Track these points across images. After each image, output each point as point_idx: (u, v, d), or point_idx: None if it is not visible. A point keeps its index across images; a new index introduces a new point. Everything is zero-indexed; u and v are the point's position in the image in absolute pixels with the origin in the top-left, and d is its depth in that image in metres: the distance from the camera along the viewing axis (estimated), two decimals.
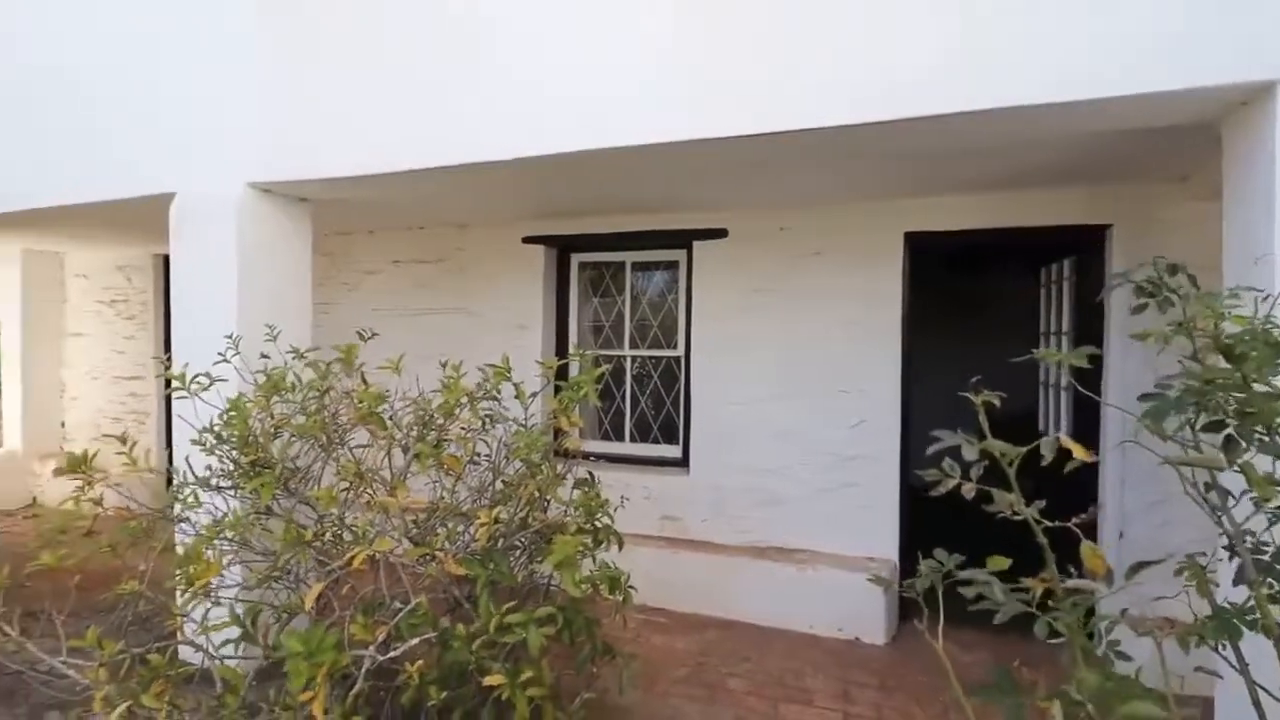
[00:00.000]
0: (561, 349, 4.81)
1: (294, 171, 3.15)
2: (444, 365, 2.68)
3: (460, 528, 2.30)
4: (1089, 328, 3.60)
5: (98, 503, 2.28)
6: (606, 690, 2.40)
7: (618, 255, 4.74)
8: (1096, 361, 1.39)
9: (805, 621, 3.70)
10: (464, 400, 2.36)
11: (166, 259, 6.33)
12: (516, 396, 2.59)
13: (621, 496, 2.85)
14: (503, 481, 2.39)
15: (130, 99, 3.53)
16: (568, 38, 2.62)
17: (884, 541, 3.84)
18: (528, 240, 4.72)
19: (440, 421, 2.50)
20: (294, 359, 2.66)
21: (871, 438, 3.89)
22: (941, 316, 6.13)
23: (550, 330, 4.81)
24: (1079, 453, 1.04)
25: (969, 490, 1.10)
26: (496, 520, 2.09)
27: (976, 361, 2.95)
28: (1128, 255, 3.36)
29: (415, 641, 1.71)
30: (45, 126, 3.84)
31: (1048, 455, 1.02)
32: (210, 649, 2.01)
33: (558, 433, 2.64)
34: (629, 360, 4.73)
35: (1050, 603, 1.04)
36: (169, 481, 2.60)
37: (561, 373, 2.76)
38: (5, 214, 4.12)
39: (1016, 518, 1.07)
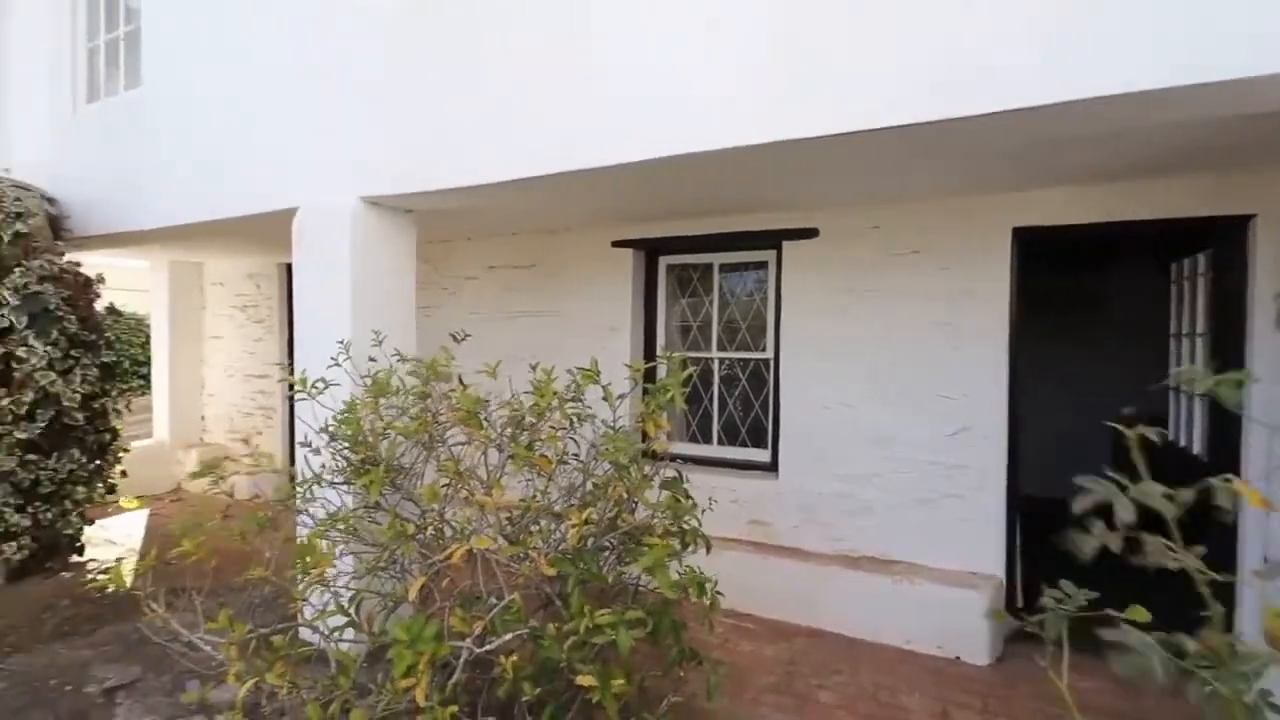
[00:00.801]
0: (649, 351, 4.85)
1: (400, 185, 3.35)
2: (534, 368, 2.78)
3: (552, 526, 2.37)
4: (1228, 329, 3.25)
5: (229, 494, 2.52)
6: (694, 695, 2.40)
7: (706, 257, 4.73)
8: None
9: (900, 636, 3.56)
10: (554, 403, 2.43)
11: (289, 267, 6.91)
12: (604, 398, 2.65)
13: (709, 499, 2.85)
14: (593, 483, 2.44)
15: (260, 128, 3.90)
16: (663, 45, 2.63)
17: (988, 556, 3.63)
18: (617, 244, 4.80)
19: (532, 422, 2.60)
20: (398, 362, 2.83)
21: (974, 446, 3.68)
22: (1053, 316, 5.71)
23: (638, 332, 4.86)
24: (1254, 501, 0.90)
25: (1115, 541, 0.97)
26: (587, 521, 2.14)
27: (1092, 365, 2.73)
28: (1276, 248, 3.01)
29: (509, 637, 1.78)
30: (194, 154, 4.31)
31: (1225, 505, 0.88)
32: (325, 632, 2.18)
33: (645, 435, 2.67)
34: (716, 362, 4.70)
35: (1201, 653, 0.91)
36: (292, 477, 2.83)
37: (649, 375, 2.80)
38: (160, 229, 4.65)
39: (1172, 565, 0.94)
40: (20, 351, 4.11)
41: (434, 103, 3.25)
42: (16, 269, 4.17)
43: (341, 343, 2.92)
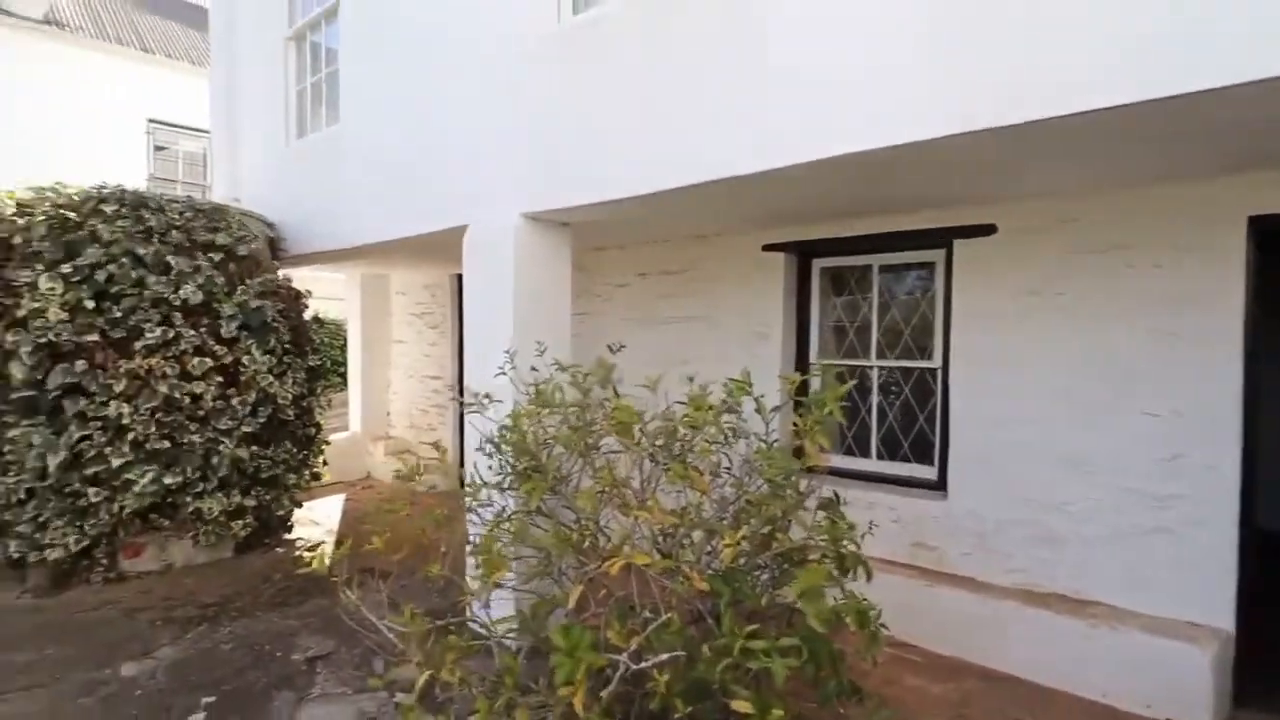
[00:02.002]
0: (802, 358, 4.67)
1: (558, 201, 3.50)
2: (690, 380, 2.76)
3: (705, 542, 2.34)
4: None
5: (411, 477, 2.75)
6: None
7: (864, 259, 4.46)
8: None
9: (1095, 688, 3.12)
10: (709, 417, 2.39)
11: (459, 278, 7.49)
12: (757, 410, 2.57)
13: (869, 521, 2.67)
14: (747, 500, 2.37)
15: (438, 155, 4.27)
16: (829, 41, 2.51)
17: (1213, 605, 3.08)
18: (768, 248, 4.67)
19: (685, 434, 2.58)
20: (557, 371, 2.95)
21: (1194, 474, 3.14)
22: None
23: (790, 338, 4.70)
24: None
25: None
26: (741, 539, 2.08)
27: None
28: None
29: (665, 657, 1.77)
30: (382, 180, 4.81)
31: None
32: (491, 628, 2.30)
33: (800, 451, 2.55)
34: (876, 371, 4.42)
35: None
36: (461, 480, 3.04)
37: (802, 387, 2.68)
38: (355, 247, 5.24)
39: None
40: (245, 359, 4.79)
41: (589, 120, 3.35)
42: (242, 286, 4.87)
43: (507, 353, 3.09)
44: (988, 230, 3.75)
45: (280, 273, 5.50)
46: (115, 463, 4.32)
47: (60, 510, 4.29)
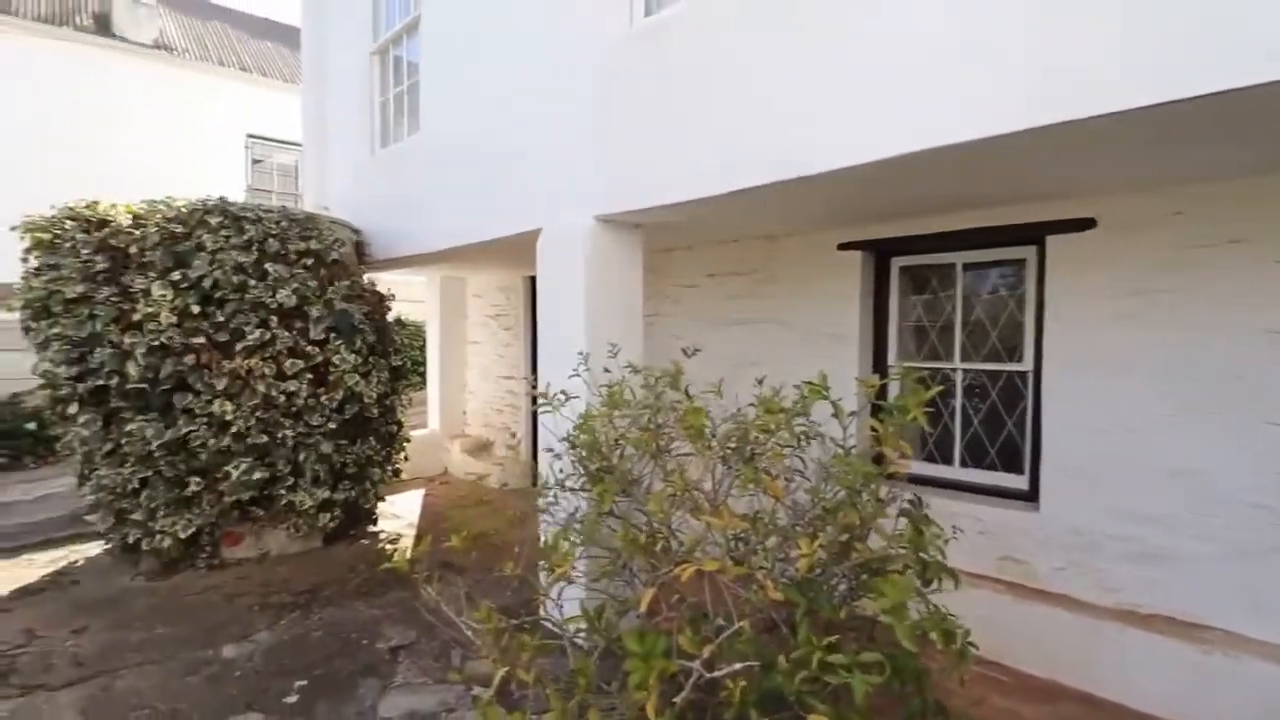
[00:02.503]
0: (879, 361, 4.52)
1: (629, 203, 3.50)
2: (760, 382, 2.71)
3: (779, 549, 2.28)
4: None
5: (489, 474, 2.82)
6: None
7: (947, 257, 4.27)
8: None
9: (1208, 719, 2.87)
10: (781, 421, 2.34)
11: (532, 279, 7.65)
12: (834, 414, 2.49)
13: (953, 529, 2.55)
14: (823, 507, 2.30)
15: (512, 161, 4.36)
16: (911, 29, 2.42)
17: None
18: (844, 246, 4.53)
19: (756, 437, 2.53)
20: (629, 373, 2.95)
21: None
22: None
23: (867, 340, 4.55)
24: None
25: None
26: (818, 548, 2.02)
27: None
28: None
29: (739, 666, 1.74)
30: (460, 187, 4.96)
31: None
32: (563, 627, 2.33)
33: (879, 457, 2.46)
34: (959, 374, 4.22)
35: None
36: (534, 478, 3.09)
37: (881, 389, 2.59)
38: (434, 252, 5.43)
39: None
40: (335, 359, 5.04)
41: (661, 121, 3.35)
42: (331, 290, 5.12)
43: (581, 354, 3.12)
44: (1086, 225, 3.51)
45: (366, 277, 5.76)
46: (219, 457, 4.63)
47: (169, 500, 4.63)
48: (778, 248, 4.97)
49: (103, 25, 13.64)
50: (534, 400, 7.73)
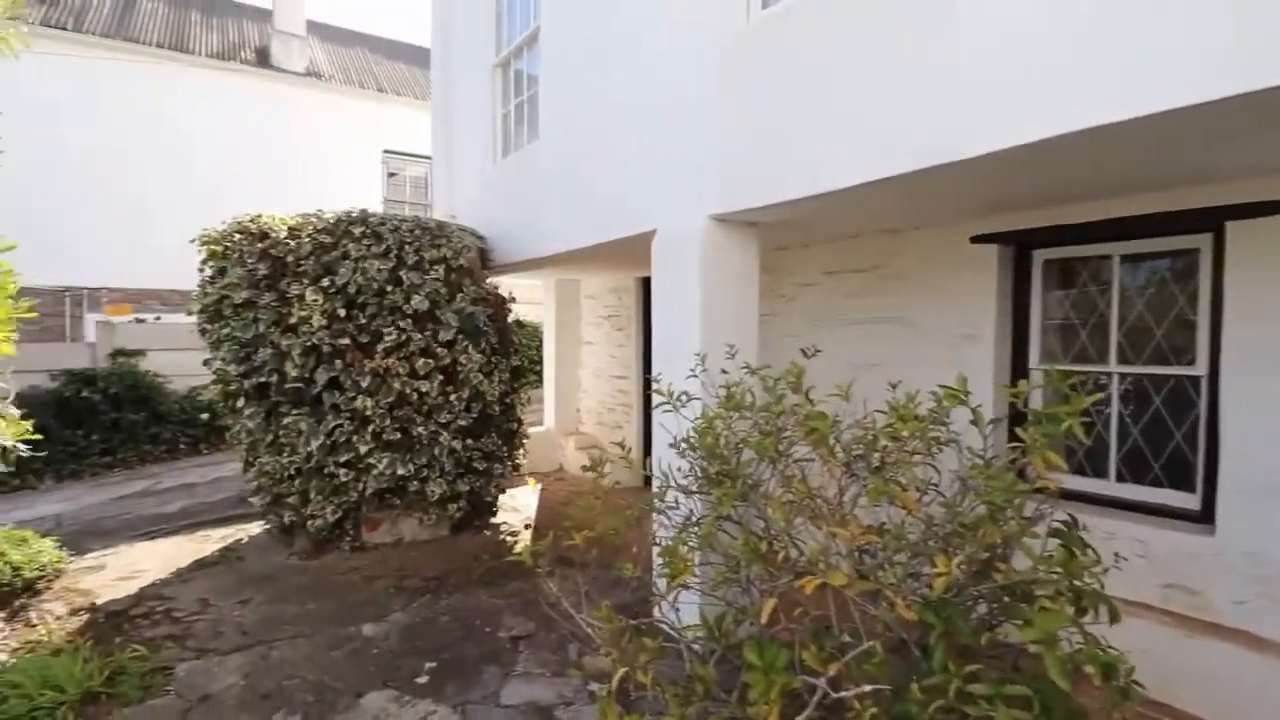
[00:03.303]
0: (1018, 363, 4.16)
1: (745, 201, 3.44)
2: (894, 387, 2.57)
3: (912, 564, 2.14)
4: None
5: (595, 467, 2.85)
6: None
7: (1100, 248, 3.86)
8: None
9: None
10: (914, 429, 2.19)
11: (644, 280, 7.72)
12: (973, 422, 2.31)
13: (1115, 556, 2.28)
14: (961, 523, 2.14)
15: (628, 164, 4.41)
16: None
17: None
18: (977, 239, 4.22)
19: (885, 445, 2.40)
20: (747, 374, 2.89)
21: None
22: None
23: (1004, 340, 4.20)
24: None
25: None
26: (957, 566, 1.88)
27: None
28: None
29: (868, 688, 1.64)
30: (577, 191, 5.09)
31: None
32: (680, 631, 2.31)
33: (1023, 470, 2.25)
34: (1115, 378, 3.80)
35: None
36: (646, 477, 3.09)
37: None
38: (551, 255, 5.61)
39: None
40: (462, 359, 5.32)
41: (779, 116, 3.25)
42: (458, 294, 5.41)
43: (698, 355, 3.10)
44: (1274, 208, 3.05)
45: (488, 280, 6.04)
46: (361, 449, 5.02)
47: (319, 487, 5.08)
48: (902, 242, 4.70)
49: (262, 58, 15.25)
50: (646, 400, 7.77)
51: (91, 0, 13.98)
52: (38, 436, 3.08)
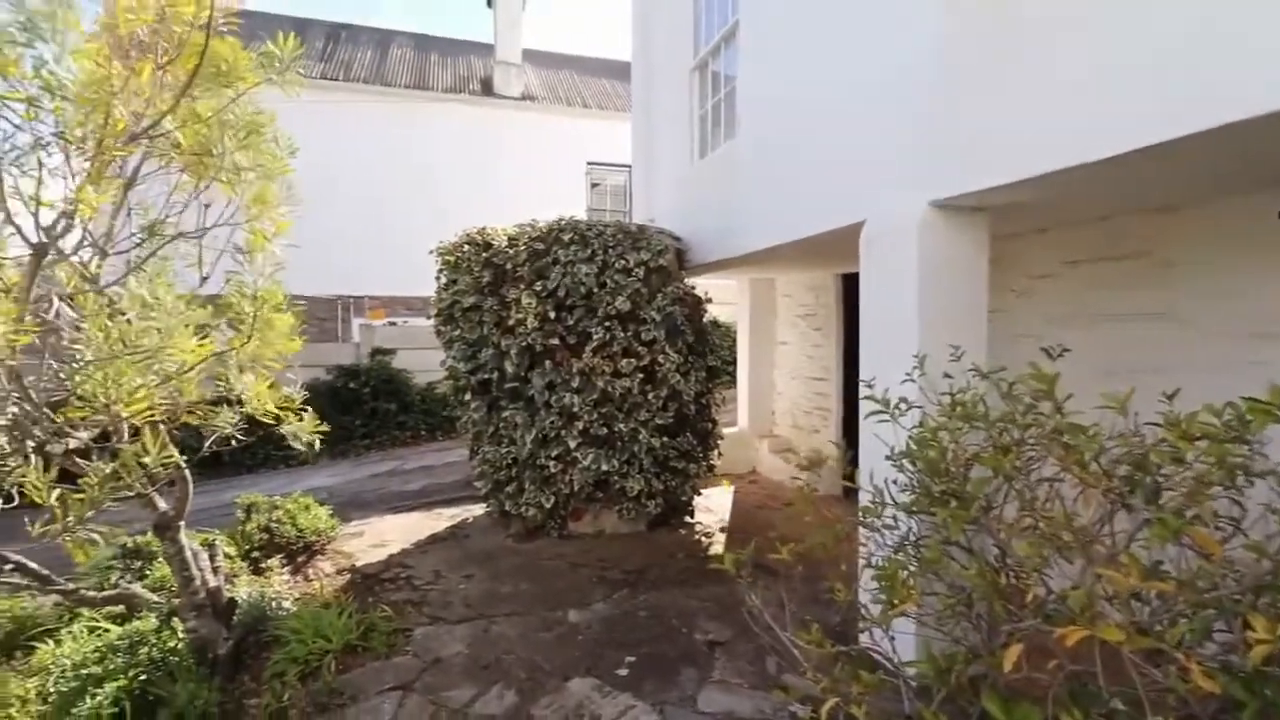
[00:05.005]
0: None
1: (974, 182, 3.04)
2: (1170, 397, 2.10)
3: (1207, 616, 1.72)
4: None
5: (811, 466, 2.69)
6: None
7: None
8: None
9: None
10: (1215, 451, 1.76)
11: (844, 277, 7.30)
12: None
13: None
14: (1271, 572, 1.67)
15: (830, 156, 4.15)
16: None
17: None
18: None
19: (1162, 468, 1.96)
20: (976, 378, 2.55)
21: None
22: None
23: None
24: None
25: None
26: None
27: None
28: None
29: None
30: (774, 187, 4.94)
31: None
32: (897, 665, 2.09)
33: None
34: None
35: None
36: (844, 486, 2.85)
37: None
38: (748, 254, 5.51)
39: None
40: (660, 358, 5.42)
41: (1023, 76, 2.82)
42: (658, 294, 5.51)
43: (916, 357, 2.81)
44: None
45: (685, 281, 6.09)
46: (570, 444, 5.33)
47: (532, 478, 5.47)
48: (1174, 222, 3.89)
49: (486, 88, 17.04)
50: (846, 403, 7.34)
51: (356, 54, 16.64)
52: (325, 428, 3.63)
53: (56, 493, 2.64)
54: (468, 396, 5.73)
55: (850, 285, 7.24)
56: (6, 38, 2.20)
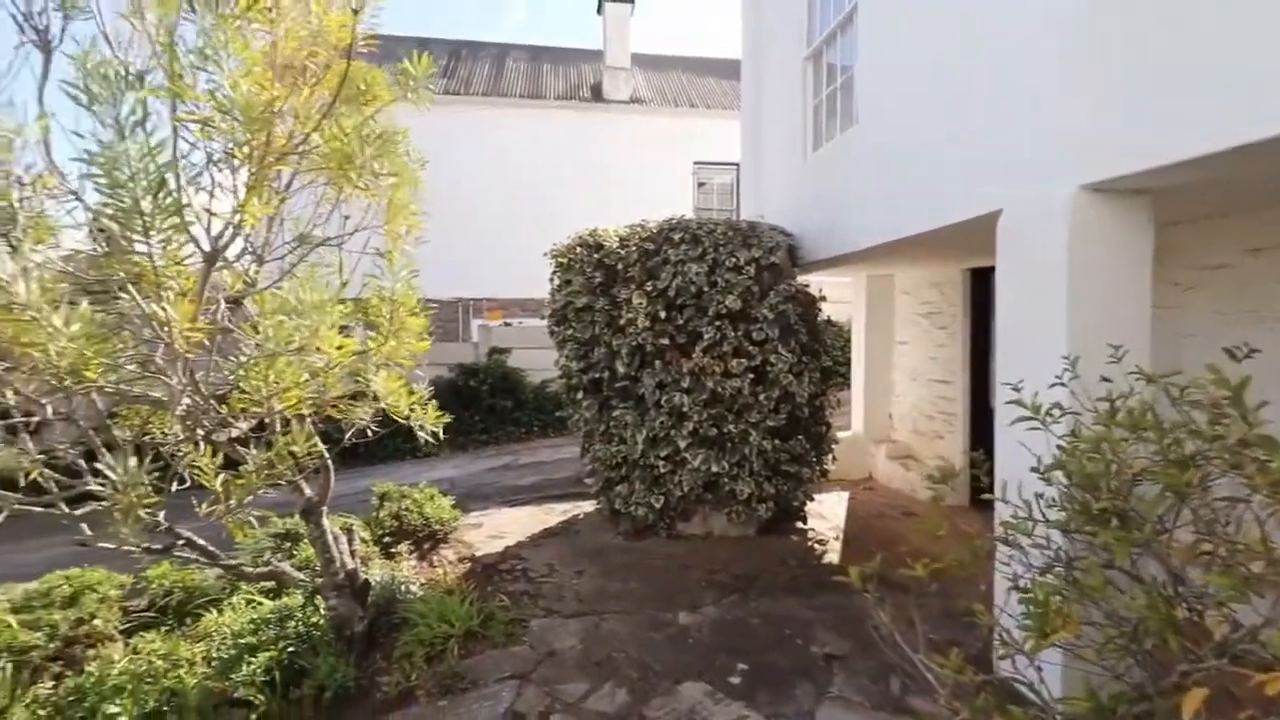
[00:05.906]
0: None
1: (1138, 162, 2.70)
2: None
3: None
4: None
5: (944, 480, 2.49)
6: None
7: None
8: None
9: None
10: None
11: (972, 272, 6.80)
12: None
13: None
14: None
15: (959, 142, 3.85)
16: None
17: None
18: None
19: None
20: (1140, 382, 2.26)
21: None
22: None
23: None
24: None
25: None
26: None
27: None
28: None
29: None
30: (894, 180, 4.67)
31: None
32: (1048, 700, 1.88)
33: None
34: None
35: None
36: (975, 497, 2.62)
37: None
38: (865, 250, 5.25)
39: None
40: (772, 358, 5.28)
41: (1184, 39, 2.48)
42: (770, 292, 5.37)
43: (1066, 358, 2.54)
44: None
45: (798, 279, 5.90)
46: (680, 444, 5.31)
47: (642, 477, 5.50)
48: None
49: (596, 93, 17.42)
50: (975, 408, 6.84)
51: (475, 69, 17.52)
52: (448, 419, 3.81)
53: (221, 477, 2.93)
54: (580, 395, 5.84)
55: (979, 281, 6.73)
56: (189, 64, 2.45)
